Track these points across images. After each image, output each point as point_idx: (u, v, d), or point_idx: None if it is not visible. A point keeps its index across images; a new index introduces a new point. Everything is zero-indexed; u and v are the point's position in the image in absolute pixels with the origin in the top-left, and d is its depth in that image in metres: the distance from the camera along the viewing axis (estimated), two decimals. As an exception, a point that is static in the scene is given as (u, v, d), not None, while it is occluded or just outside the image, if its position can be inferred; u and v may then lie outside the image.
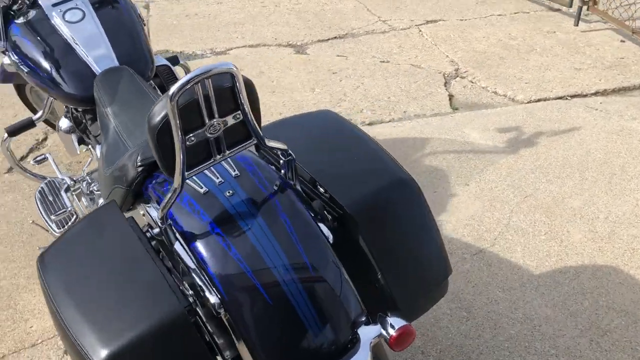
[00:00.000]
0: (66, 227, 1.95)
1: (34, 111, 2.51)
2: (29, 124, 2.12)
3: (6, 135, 2.10)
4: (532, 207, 2.42)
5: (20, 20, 1.84)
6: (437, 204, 2.45)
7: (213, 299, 1.10)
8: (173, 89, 0.96)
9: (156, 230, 1.23)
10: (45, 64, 1.76)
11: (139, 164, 1.32)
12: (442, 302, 1.98)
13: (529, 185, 2.55)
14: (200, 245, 1.14)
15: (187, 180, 1.23)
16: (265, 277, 1.11)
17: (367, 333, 1.13)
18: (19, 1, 1.85)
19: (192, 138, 1.05)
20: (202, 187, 1.21)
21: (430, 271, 1.27)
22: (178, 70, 2.03)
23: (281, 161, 1.24)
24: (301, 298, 1.11)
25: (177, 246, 1.18)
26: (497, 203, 2.46)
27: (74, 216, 1.96)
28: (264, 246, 1.13)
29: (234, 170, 1.23)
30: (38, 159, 2.24)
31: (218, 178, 1.22)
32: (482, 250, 2.21)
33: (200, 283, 1.12)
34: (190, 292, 1.12)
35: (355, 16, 4.40)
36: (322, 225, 1.20)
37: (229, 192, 1.19)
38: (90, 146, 1.96)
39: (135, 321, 1.02)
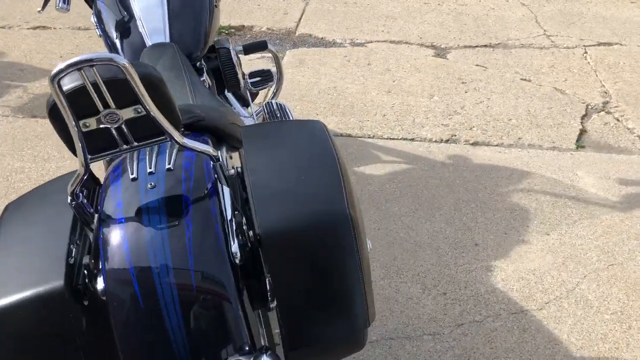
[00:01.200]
0: None
1: None
2: None
3: None
4: (613, 279, 2.04)
5: None
6: (500, 247, 2.18)
7: (100, 285, 1.11)
8: (54, 71, 0.98)
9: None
10: (110, 31, 1.89)
11: None
12: (447, 356, 1.78)
13: (623, 253, 2.14)
14: (104, 231, 1.15)
15: (131, 163, 1.25)
16: (144, 277, 1.08)
17: None
18: None
19: (87, 124, 1.05)
20: (133, 173, 1.21)
21: (339, 318, 1.13)
22: (240, 57, 2.02)
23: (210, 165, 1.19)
24: (172, 306, 1.07)
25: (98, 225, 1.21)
26: (571, 263, 2.11)
27: None
28: (155, 246, 1.10)
29: (170, 163, 1.22)
30: None
31: (151, 167, 1.21)
32: (524, 312, 1.92)
33: (100, 267, 1.14)
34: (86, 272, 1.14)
35: (518, 26, 4.03)
36: (234, 242, 1.14)
37: (150, 185, 1.18)
38: None
39: (20, 288, 1.08)
